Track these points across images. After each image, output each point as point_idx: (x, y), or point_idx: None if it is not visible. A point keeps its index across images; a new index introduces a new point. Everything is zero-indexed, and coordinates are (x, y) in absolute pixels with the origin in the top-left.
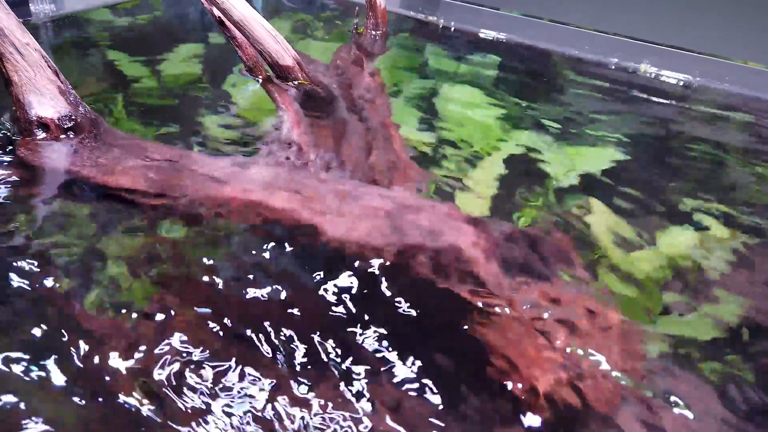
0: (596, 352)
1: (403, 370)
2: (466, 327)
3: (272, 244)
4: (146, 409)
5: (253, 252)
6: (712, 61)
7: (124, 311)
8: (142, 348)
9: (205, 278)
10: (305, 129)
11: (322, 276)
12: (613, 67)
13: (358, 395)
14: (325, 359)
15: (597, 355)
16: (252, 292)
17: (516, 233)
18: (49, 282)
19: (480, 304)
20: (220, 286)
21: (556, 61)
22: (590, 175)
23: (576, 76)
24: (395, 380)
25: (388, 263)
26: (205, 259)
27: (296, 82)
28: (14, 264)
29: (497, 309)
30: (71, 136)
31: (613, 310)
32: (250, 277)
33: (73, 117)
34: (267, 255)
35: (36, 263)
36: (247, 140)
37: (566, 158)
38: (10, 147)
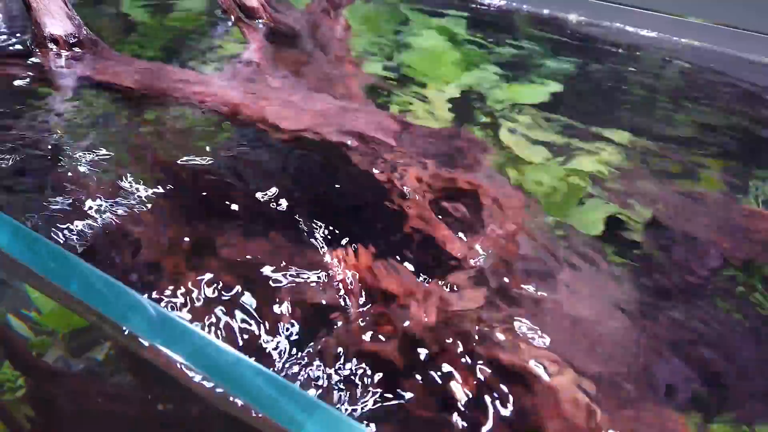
0: (497, 222)
1: (334, 232)
2: (386, 203)
3: (227, 131)
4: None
5: (211, 134)
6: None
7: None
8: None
9: (174, 151)
10: (265, 53)
11: (265, 155)
12: (573, 23)
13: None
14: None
15: (494, 223)
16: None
17: (439, 132)
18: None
19: (400, 180)
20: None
21: (518, 18)
22: (524, 104)
23: (534, 30)
24: (330, 238)
25: (322, 148)
26: (174, 136)
27: (261, 21)
28: (38, 133)
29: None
30: (75, 50)
31: (519, 193)
32: (207, 148)
33: (76, 35)
34: (221, 136)
35: (54, 133)
36: (215, 61)
37: (508, 93)
38: (31, 56)
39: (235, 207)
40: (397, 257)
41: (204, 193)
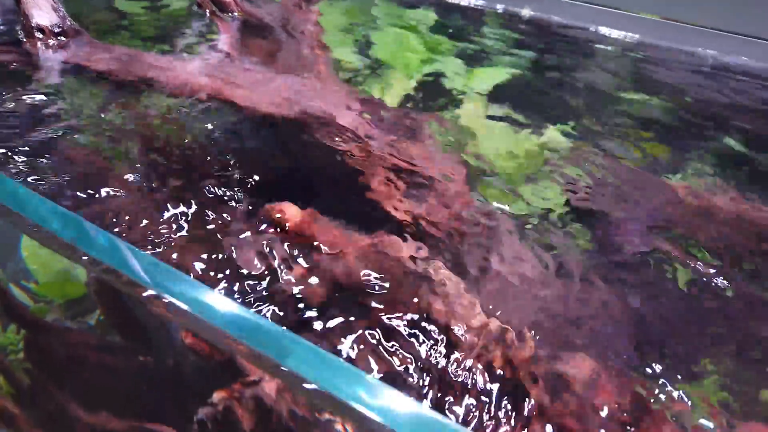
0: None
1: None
2: (343, 168)
3: (196, 110)
4: None
5: (181, 113)
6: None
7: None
8: None
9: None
10: (236, 43)
11: (232, 130)
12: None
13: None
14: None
15: (437, 193)
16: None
17: (399, 112)
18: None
19: (354, 152)
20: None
21: (484, 13)
22: (481, 91)
23: (497, 26)
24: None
25: (285, 124)
26: (149, 109)
27: (233, 14)
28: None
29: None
30: (60, 38)
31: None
32: (175, 126)
33: (60, 26)
34: (190, 115)
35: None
36: (189, 51)
37: (468, 77)
38: (20, 44)
39: (198, 175)
40: (338, 216)
41: (170, 164)
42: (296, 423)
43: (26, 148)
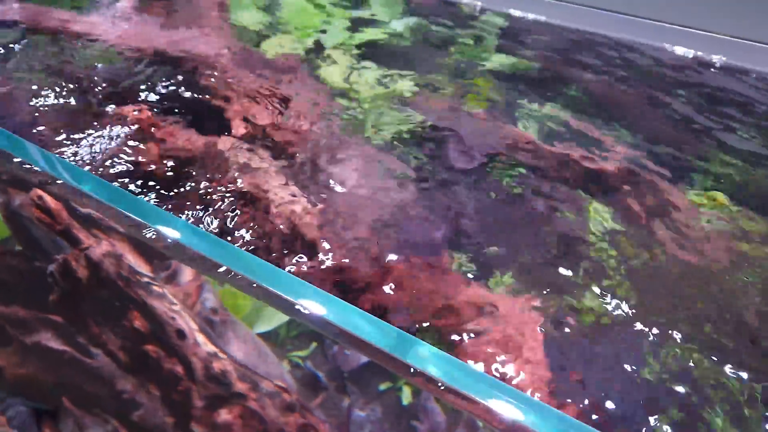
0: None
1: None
2: (214, 101)
3: (97, 54)
4: None
5: (84, 56)
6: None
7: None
8: None
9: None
10: (137, 3)
11: (125, 69)
12: None
13: None
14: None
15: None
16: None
17: (282, 62)
18: None
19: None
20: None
21: None
22: (360, 48)
23: None
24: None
25: (163, 61)
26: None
27: None
28: None
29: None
30: None
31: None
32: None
33: None
34: (93, 59)
35: None
36: (95, 9)
37: (349, 39)
38: None
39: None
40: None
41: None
42: (118, 275)
43: None
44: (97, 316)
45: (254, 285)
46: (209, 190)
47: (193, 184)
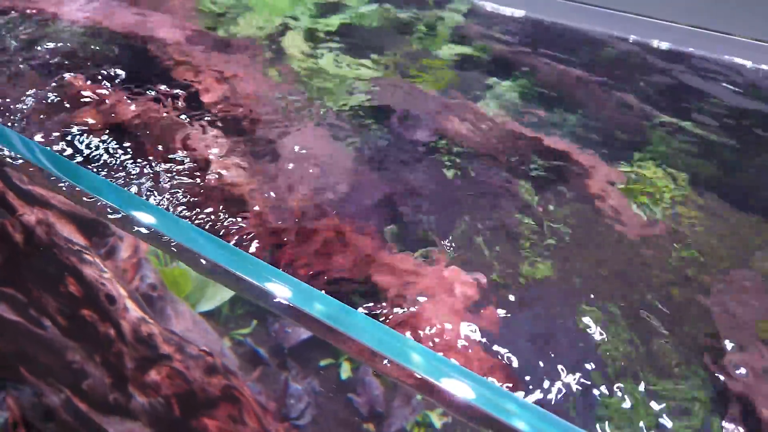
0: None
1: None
2: (172, 75)
3: (68, 30)
4: None
5: (56, 31)
6: None
7: None
8: None
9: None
10: None
11: (94, 42)
12: None
13: None
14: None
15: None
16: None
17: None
18: None
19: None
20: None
21: None
22: (321, 32)
23: None
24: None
25: (121, 38)
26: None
27: None
28: None
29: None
30: None
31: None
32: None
33: None
34: (65, 33)
35: None
36: None
37: (313, 24)
38: None
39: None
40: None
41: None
42: (48, 237)
43: None
44: (37, 282)
45: (197, 257)
46: (150, 159)
47: (132, 153)
